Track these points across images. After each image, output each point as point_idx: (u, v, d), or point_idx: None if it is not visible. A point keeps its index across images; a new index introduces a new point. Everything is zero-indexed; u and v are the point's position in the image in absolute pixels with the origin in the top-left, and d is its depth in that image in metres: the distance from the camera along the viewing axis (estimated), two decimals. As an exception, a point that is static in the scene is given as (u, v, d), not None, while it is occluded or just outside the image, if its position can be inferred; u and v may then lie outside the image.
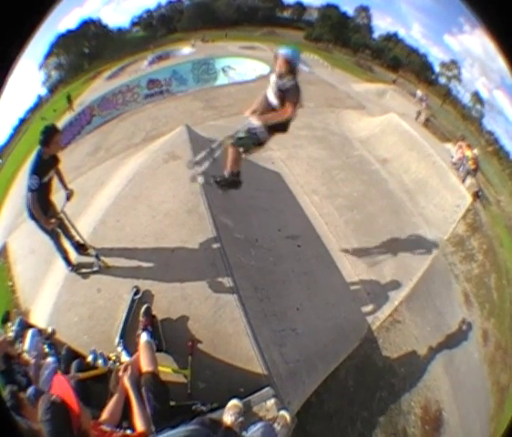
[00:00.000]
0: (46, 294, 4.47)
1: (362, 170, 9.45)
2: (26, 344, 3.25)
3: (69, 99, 14.47)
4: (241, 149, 4.21)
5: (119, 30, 20.46)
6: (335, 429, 4.42)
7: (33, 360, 2.99)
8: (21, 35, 1.85)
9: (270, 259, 5.02)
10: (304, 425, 4.07)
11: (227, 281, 3.90)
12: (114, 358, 3.23)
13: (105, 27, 19.81)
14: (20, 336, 3.39)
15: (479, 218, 11.16)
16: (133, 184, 5.37)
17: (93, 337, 3.58)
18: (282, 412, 3.10)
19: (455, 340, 7.28)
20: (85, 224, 4.99)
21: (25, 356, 3.08)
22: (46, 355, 3.20)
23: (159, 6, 21.84)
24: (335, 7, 25.79)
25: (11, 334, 3.44)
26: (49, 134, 3.60)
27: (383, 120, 12.09)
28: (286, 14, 26.44)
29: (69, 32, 17.73)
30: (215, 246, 4.21)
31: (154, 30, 21.01)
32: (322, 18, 25.48)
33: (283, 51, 3.95)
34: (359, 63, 25.64)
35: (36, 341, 3.30)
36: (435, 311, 7.17)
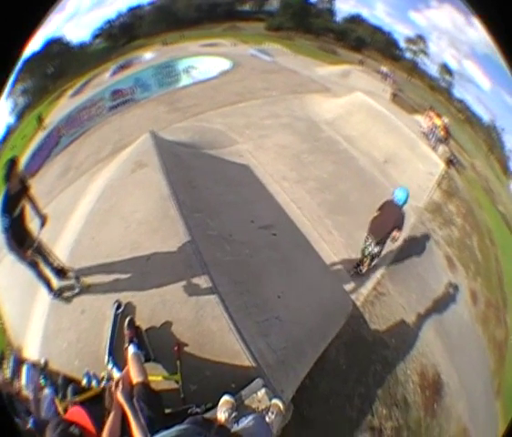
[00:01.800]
0: (35, 326, 4.40)
1: (330, 151, 9.52)
2: (23, 379, 3.27)
3: (40, 119, 14.14)
4: None
5: (82, 45, 20.00)
6: (333, 409, 4.46)
7: (31, 396, 3.01)
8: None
9: (246, 251, 5.03)
10: (302, 410, 4.10)
11: (205, 280, 3.93)
12: (106, 376, 3.26)
13: (67, 44, 19.31)
14: (16, 372, 3.40)
15: (455, 184, 11.38)
16: (104, 198, 5.39)
17: (83, 360, 3.56)
18: (275, 401, 3.15)
19: (442, 303, 7.37)
20: (62, 247, 4.96)
21: (25, 392, 3.10)
22: (42, 388, 3.20)
23: (120, 15, 21.43)
24: (296, -7, 25.81)
25: (8, 373, 3.46)
26: (8, 168, 3.58)
27: (348, 100, 12.20)
28: (246, 6, 26.32)
29: (34, 54, 17.30)
30: (189, 247, 4.23)
31: (115, 40, 20.59)
32: (283, 7, 25.39)
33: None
34: (322, 47, 25.65)
35: (32, 375, 3.31)
36: (418, 279, 7.26)
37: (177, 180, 5.30)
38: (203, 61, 15.31)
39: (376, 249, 5.78)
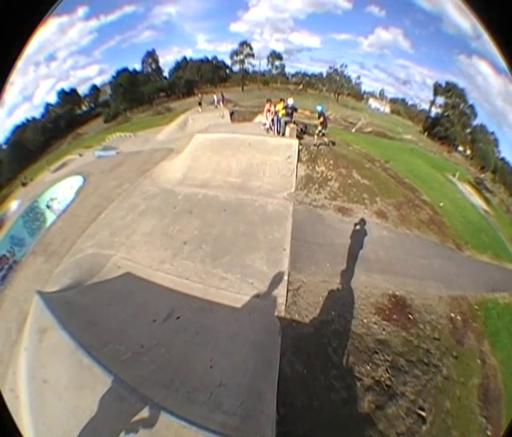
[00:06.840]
0: None
1: (191, 207, 9.87)
2: None
3: None
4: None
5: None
6: (322, 407, 4.62)
7: None
8: None
9: (162, 350, 5.04)
10: (296, 432, 4.24)
11: (141, 402, 3.93)
12: None
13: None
14: None
15: (314, 147, 12.58)
16: (33, 387, 4.88)
17: None
18: (252, 452, 3.31)
19: (357, 246, 7.97)
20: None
21: None
22: None
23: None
24: (124, 70, 26.46)
25: None
26: None
27: (190, 148, 12.73)
28: (84, 106, 26.08)
29: None
30: (113, 382, 4.19)
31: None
32: (114, 90, 25.94)
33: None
34: (157, 111, 26.73)
35: None
36: (322, 249, 7.80)
37: (76, 328, 5.17)
38: (59, 187, 15.02)
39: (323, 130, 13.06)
